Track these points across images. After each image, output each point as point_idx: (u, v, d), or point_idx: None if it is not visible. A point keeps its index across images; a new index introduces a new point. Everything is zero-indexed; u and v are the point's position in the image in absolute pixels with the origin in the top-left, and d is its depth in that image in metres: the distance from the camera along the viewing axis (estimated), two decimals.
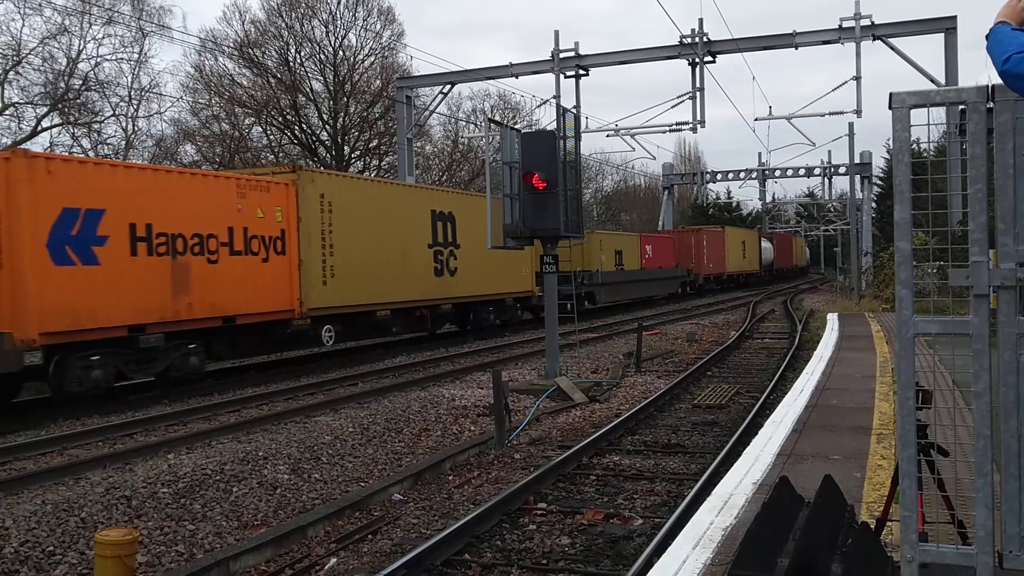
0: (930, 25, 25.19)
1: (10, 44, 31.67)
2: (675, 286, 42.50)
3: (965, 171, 3.32)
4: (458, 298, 22.29)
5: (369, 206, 18.70)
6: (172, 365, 14.02)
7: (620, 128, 29.43)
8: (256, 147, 41.45)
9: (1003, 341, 3.33)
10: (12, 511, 7.53)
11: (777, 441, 7.54)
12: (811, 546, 3.58)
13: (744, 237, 54.62)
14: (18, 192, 11.75)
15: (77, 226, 12.43)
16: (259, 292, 15.50)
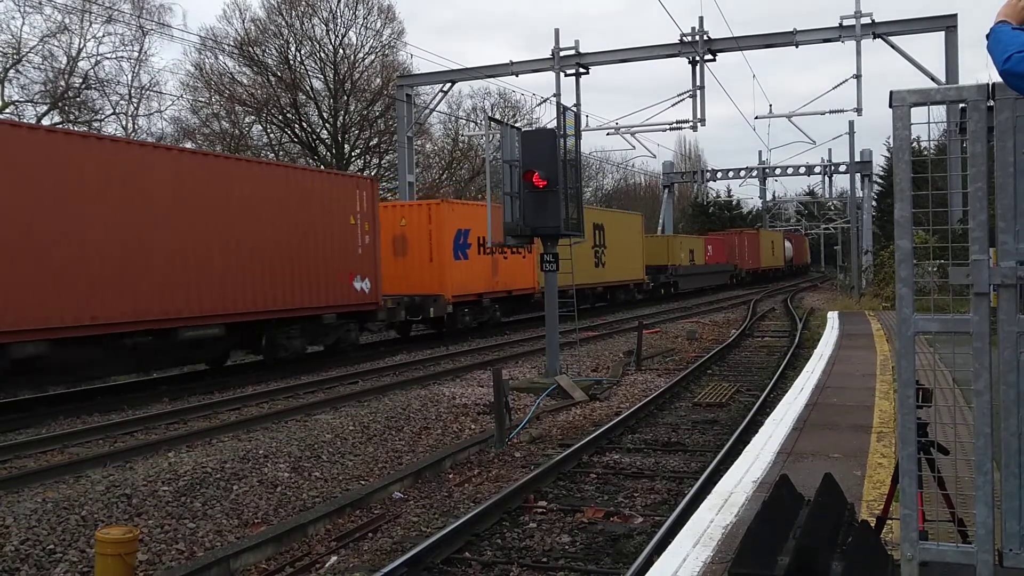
0: (931, 23, 25.18)
1: (10, 42, 31.68)
2: (726, 278, 52.85)
3: (965, 169, 3.32)
4: (606, 283, 32.46)
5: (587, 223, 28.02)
6: (491, 317, 24.82)
7: (620, 126, 29.42)
8: (256, 145, 41.44)
9: (1003, 339, 3.33)
10: (13, 509, 7.53)
11: (777, 439, 7.54)
12: (811, 544, 3.58)
13: (772, 238, 65.54)
14: (439, 222, 22.04)
15: (461, 240, 22.76)
16: (521, 276, 25.90)
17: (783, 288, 54.89)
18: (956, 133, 3.87)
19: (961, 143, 3.80)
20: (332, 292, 17.59)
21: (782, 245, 68.29)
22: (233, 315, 15.02)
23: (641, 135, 38.35)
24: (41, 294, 11.74)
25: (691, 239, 48.22)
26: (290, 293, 16.31)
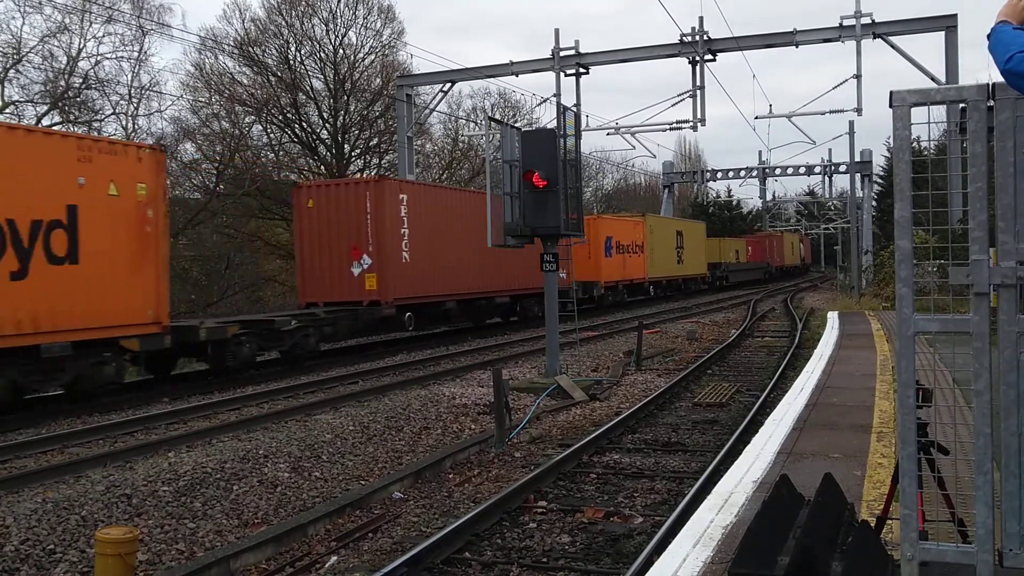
0: (931, 23, 25.18)
1: (10, 42, 31.67)
2: (761, 273, 61.80)
3: (965, 169, 3.32)
4: (684, 275, 43.33)
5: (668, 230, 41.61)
6: (621, 298, 34.95)
7: (620, 126, 29.42)
8: (256, 145, 41.43)
9: (1003, 339, 3.33)
10: (13, 509, 7.53)
11: (777, 439, 7.54)
12: (811, 544, 3.58)
13: (792, 240, 76.26)
14: (596, 230, 30.35)
15: (608, 244, 32.33)
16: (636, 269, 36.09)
17: (783, 288, 55.28)
18: (956, 133, 3.87)
19: (961, 143, 3.80)
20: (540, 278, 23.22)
21: (799, 246, 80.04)
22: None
23: (641, 135, 38.34)
24: (448, 279, 21.58)
25: (736, 241, 58.65)
26: (516, 278, 24.85)
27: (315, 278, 19.89)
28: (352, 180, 22.44)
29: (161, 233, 13.86)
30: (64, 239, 12.13)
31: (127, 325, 13.09)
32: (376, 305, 19.12)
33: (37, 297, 11.69)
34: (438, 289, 21.25)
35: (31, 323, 11.65)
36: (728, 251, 53.60)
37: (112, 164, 12.94)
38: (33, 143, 11.95)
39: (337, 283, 19.58)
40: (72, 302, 12.18)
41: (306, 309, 19.07)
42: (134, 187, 13.30)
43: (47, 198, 11.90)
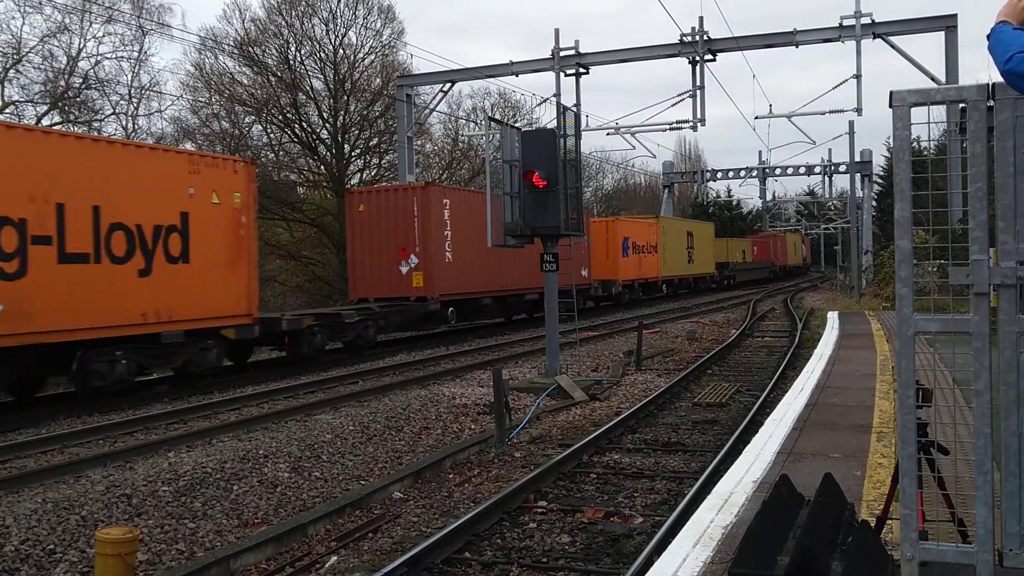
0: (931, 23, 25.18)
1: (10, 42, 31.67)
2: (766, 272, 63.67)
3: (965, 169, 3.32)
4: (694, 274, 45.59)
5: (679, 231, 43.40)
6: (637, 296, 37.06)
7: (620, 126, 29.42)
8: (256, 145, 41.43)
9: (1003, 339, 3.33)
10: (13, 509, 7.53)
11: (777, 439, 7.54)
12: (811, 544, 3.58)
13: (794, 240, 77.83)
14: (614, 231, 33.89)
15: (625, 244, 34.36)
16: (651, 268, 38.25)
17: (783, 288, 55.37)
18: (956, 133, 3.87)
19: (961, 143, 3.80)
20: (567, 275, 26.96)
21: (801, 246, 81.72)
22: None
23: (641, 135, 38.35)
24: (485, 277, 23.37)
25: (742, 241, 60.86)
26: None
27: (366, 276, 21.85)
28: (400, 187, 23.99)
29: (252, 236, 15.80)
30: (179, 242, 14.10)
31: (226, 316, 15.01)
32: (423, 301, 21.16)
33: (159, 291, 13.63)
34: (476, 286, 23.21)
35: (154, 314, 13.55)
36: (735, 251, 56.01)
37: (214, 176, 14.89)
38: (155, 159, 14.04)
39: (386, 281, 21.53)
40: (184, 296, 14.10)
41: (357, 304, 21.04)
42: (231, 196, 15.23)
43: (165, 206, 13.88)
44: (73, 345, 12.42)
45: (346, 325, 18.58)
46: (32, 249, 11.71)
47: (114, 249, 12.97)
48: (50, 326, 11.87)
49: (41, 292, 11.77)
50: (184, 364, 14.42)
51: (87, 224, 12.54)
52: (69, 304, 12.13)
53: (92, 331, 12.51)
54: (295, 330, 16.93)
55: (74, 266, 12.31)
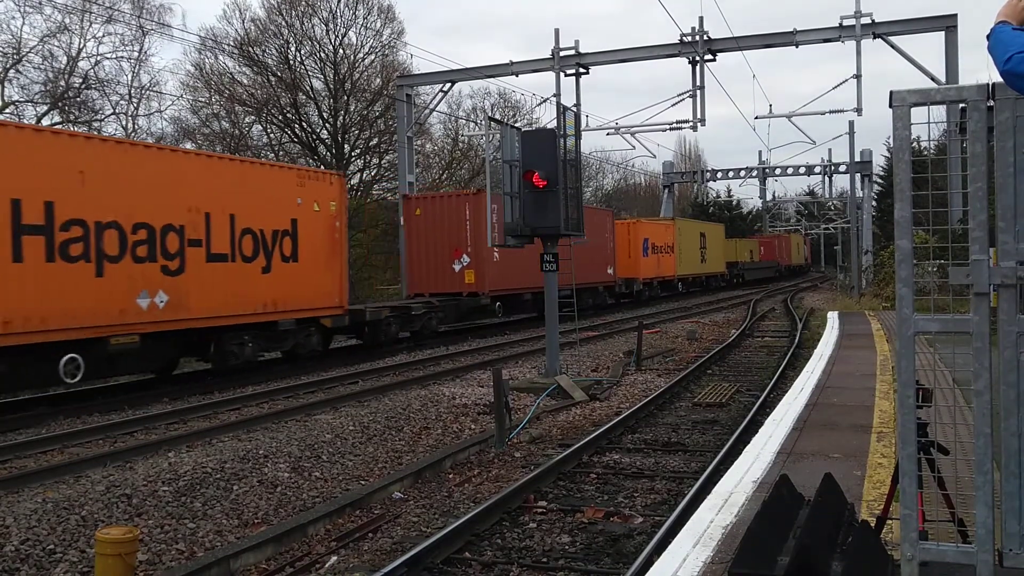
0: (931, 23, 25.16)
1: (10, 42, 31.67)
2: (772, 272, 66.23)
3: (965, 169, 3.33)
4: (706, 273, 47.96)
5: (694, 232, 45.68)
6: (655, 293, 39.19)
7: (620, 126, 29.41)
8: (256, 145, 41.43)
9: (1003, 339, 3.33)
10: (13, 509, 7.54)
11: (777, 439, 7.54)
12: (811, 544, 3.58)
13: (797, 240, 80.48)
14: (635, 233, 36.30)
15: (646, 244, 36.77)
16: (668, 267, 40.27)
17: (783, 288, 55.49)
18: (956, 133, 3.87)
19: (961, 143, 3.80)
20: (597, 273, 30.73)
21: (802, 246, 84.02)
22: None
23: (641, 135, 38.39)
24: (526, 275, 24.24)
25: (750, 241, 63.37)
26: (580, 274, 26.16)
27: (421, 273, 24.48)
28: (454, 193, 26.83)
29: (343, 238, 18.26)
30: (290, 244, 16.59)
31: (324, 308, 17.58)
32: (474, 296, 23.70)
33: (276, 286, 16.17)
34: (519, 283, 25.40)
35: (272, 305, 16.15)
36: (743, 251, 58.83)
37: (315, 187, 17.36)
38: (272, 174, 16.79)
39: (440, 277, 24.06)
40: (294, 290, 16.58)
41: (413, 299, 23.67)
42: (328, 204, 17.71)
43: (280, 214, 16.36)
44: (212, 330, 14.97)
45: (413, 316, 21.33)
46: (188, 251, 14.28)
47: (244, 250, 15.53)
48: (199, 313, 14.42)
49: (194, 286, 14.30)
50: (293, 347, 17.14)
51: (225, 230, 15.07)
52: (212, 296, 14.66)
53: (228, 318, 15.08)
54: (375, 320, 19.49)
55: (216, 264, 14.88)
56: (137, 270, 13.29)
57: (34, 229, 11.80)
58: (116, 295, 12.91)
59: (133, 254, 13.26)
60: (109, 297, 12.79)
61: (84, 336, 12.40)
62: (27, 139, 11.98)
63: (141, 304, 13.29)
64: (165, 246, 13.81)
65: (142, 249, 13.41)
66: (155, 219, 13.65)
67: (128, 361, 13.80)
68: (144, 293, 13.36)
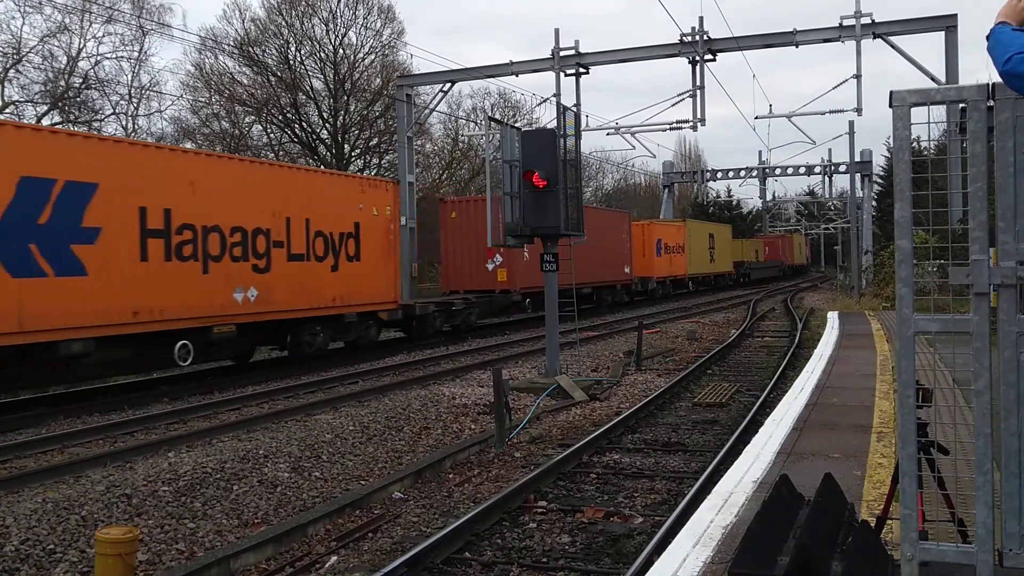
0: (931, 23, 25.17)
1: (10, 42, 31.68)
2: (776, 271, 68.39)
3: (965, 169, 3.33)
4: (715, 272, 50.01)
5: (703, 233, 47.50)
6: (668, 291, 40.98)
7: (620, 126, 29.42)
8: (256, 145, 41.44)
9: (1003, 339, 3.33)
10: (13, 509, 7.54)
11: (777, 439, 7.54)
12: (811, 544, 3.58)
13: (799, 240, 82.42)
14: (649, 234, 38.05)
15: (659, 245, 38.95)
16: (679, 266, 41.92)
17: (783, 288, 55.58)
18: (956, 133, 3.87)
19: (961, 143, 3.80)
20: (615, 272, 33.49)
21: (804, 246, 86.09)
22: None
23: (641, 135, 38.40)
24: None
25: (755, 242, 65.55)
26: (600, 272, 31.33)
27: (457, 272, 26.26)
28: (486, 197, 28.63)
29: (396, 240, 20.16)
30: (354, 245, 18.37)
31: (381, 303, 19.40)
32: (506, 293, 25.46)
33: (342, 283, 17.96)
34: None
35: (340, 299, 17.94)
36: (749, 251, 61.12)
37: (374, 194, 19.30)
38: (339, 182, 18.76)
39: (474, 276, 25.77)
40: (357, 286, 18.40)
41: (449, 295, 25.29)
42: (384, 209, 19.57)
43: (345, 218, 18.14)
44: (290, 322, 16.77)
45: (454, 311, 23.29)
46: (273, 251, 16.08)
47: (317, 250, 17.29)
48: (282, 306, 16.26)
49: (277, 282, 16.13)
50: (355, 338, 19.07)
51: (302, 232, 16.87)
52: (291, 291, 16.46)
53: (304, 311, 16.87)
54: (423, 314, 21.53)
55: (295, 263, 16.68)
56: (234, 268, 15.13)
57: (156, 233, 13.64)
58: (217, 290, 14.76)
59: (231, 254, 15.08)
60: (212, 291, 14.64)
61: (193, 325, 14.25)
62: (150, 155, 13.93)
63: (237, 298, 15.18)
64: (255, 247, 15.66)
65: (237, 250, 15.23)
66: (247, 223, 15.46)
67: (224, 348, 15.55)
68: (239, 288, 15.26)
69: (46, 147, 12.03)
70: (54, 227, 12.00)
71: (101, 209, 12.61)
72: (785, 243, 73.51)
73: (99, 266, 12.55)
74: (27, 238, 11.63)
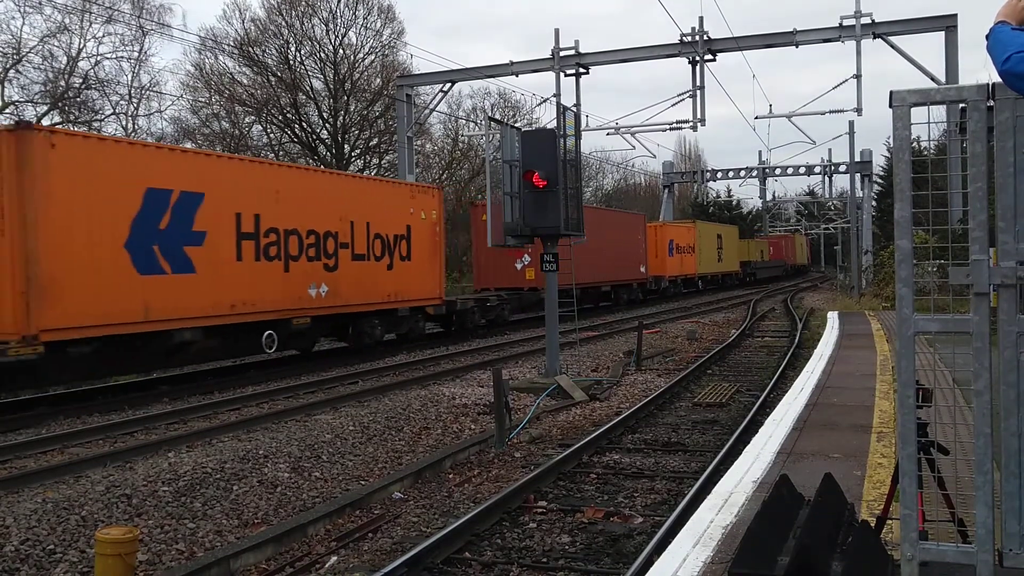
0: (930, 23, 25.18)
1: (10, 42, 31.68)
2: (780, 271, 70.62)
3: (965, 169, 3.33)
4: (723, 271, 51.56)
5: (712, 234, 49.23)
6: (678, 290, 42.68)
7: (620, 126, 29.44)
8: (256, 145, 41.43)
9: (1003, 339, 3.33)
10: (13, 509, 7.53)
11: (777, 439, 7.54)
12: (811, 544, 3.58)
13: (801, 240, 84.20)
14: (662, 236, 40.15)
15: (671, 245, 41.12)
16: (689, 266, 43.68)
17: (783, 288, 55.67)
18: (956, 133, 3.87)
19: (961, 143, 3.80)
20: (632, 271, 35.29)
21: (805, 246, 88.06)
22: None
23: (641, 135, 38.43)
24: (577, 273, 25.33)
25: (760, 242, 67.02)
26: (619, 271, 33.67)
27: (488, 271, 27.88)
28: None
29: (441, 241, 21.86)
30: (405, 246, 20.19)
31: (428, 299, 21.14)
32: (534, 291, 26.48)
33: (396, 280, 19.77)
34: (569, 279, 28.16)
35: (394, 295, 19.72)
36: (755, 251, 63.02)
37: (422, 199, 21.01)
38: (394, 189, 20.78)
39: (504, 274, 27.40)
40: (408, 283, 20.20)
41: (480, 293, 26.94)
42: (431, 213, 21.24)
43: (399, 221, 19.97)
44: (352, 315, 18.58)
45: (489, 307, 25.12)
46: (340, 252, 17.88)
47: (376, 251, 19.14)
48: (347, 301, 18.09)
49: (343, 279, 17.89)
50: (407, 331, 20.82)
51: (363, 234, 18.68)
52: (354, 287, 18.26)
53: (365, 306, 18.81)
54: (463, 309, 23.36)
55: (358, 262, 18.47)
56: (309, 267, 16.93)
57: (248, 236, 15.38)
58: (296, 286, 16.56)
59: (307, 254, 16.88)
60: (292, 287, 16.44)
61: (277, 317, 16.01)
62: (244, 167, 15.92)
63: (311, 293, 16.97)
64: (326, 248, 17.45)
65: (312, 251, 17.04)
66: (320, 227, 17.27)
67: (299, 338, 17.39)
68: (313, 285, 17.04)
69: (164, 161, 13.84)
70: (171, 231, 13.77)
71: (206, 215, 14.40)
72: (788, 243, 75.74)
73: (205, 265, 14.34)
74: (151, 241, 13.41)
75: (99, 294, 12.44)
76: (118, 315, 12.72)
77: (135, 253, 13.04)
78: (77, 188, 12.23)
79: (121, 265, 12.85)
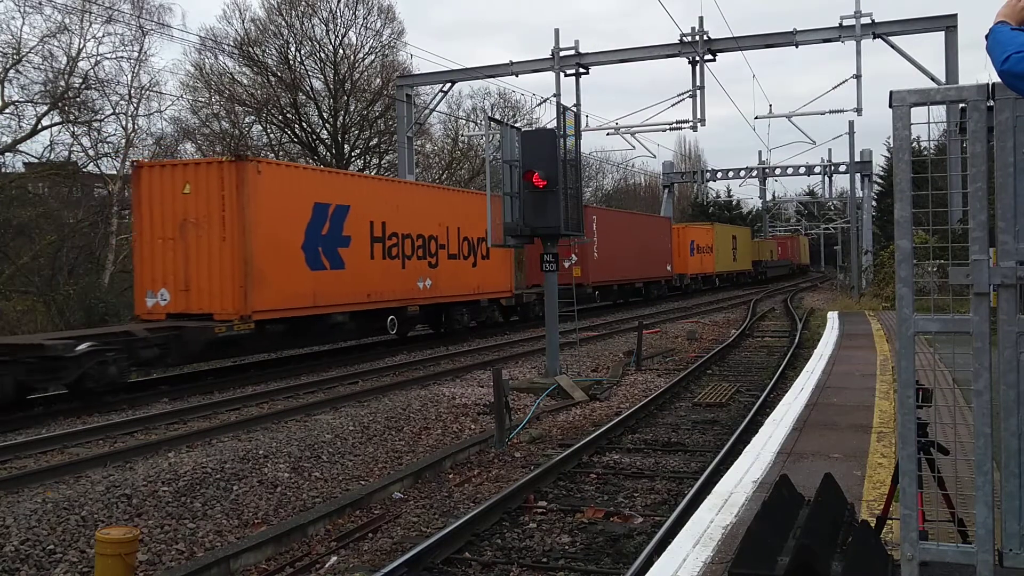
0: (930, 23, 25.18)
1: (10, 42, 31.64)
2: (787, 270, 74.84)
3: (965, 169, 3.33)
4: (738, 270, 55.38)
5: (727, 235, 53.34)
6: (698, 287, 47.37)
7: (620, 126, 29.44)
8: (256, 145, 41.41)
9: (1003, 339, 3.33)
10: (13, 509, 7.53)
11: (777, 439, 7.54)
12: (811, 544, 3.58)
13: (804, 241, 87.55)
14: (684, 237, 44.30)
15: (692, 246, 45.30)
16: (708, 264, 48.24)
17: (783, 288, 55.77)
18: (956, 133, 3.87)
19: (961, 143, 3.80)
20: (659, 269, 38.83)
21: (808, 247, 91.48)
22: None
23: (641, 135, 38.45)
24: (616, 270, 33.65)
25: (769, 242, 71.18)
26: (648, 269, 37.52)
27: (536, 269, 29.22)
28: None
29: None
30: (485, 246, 22.59)
31: (502, 291, 24.64)
32: (580, 286, 28.04)
33: (478, 276, 23.23)
34: (611, 276, 32.75)
35: (477, 289, 23.23)
36: (765, 251, 67.09)
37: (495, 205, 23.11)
38: (476, 198, 22.68)
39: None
40: (487, 278, 23.66)
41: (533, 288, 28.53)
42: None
43: (480, 225, 21.20)
44: (446, 305, 22.00)
45: (527, 305, 26.97)
46: (439, 252, 21.35)
47: (464, 251, 22.48)
48: (444, 293, 21.49)
49: (442, 275, 21.33)
50: (485, 319, 24.21)
51: (456, 237, 22.21)
52: (448, 281, 21.60)
53: (456, 297, 22.20)
54: (528, 302, 26.35)
55: (452, 260, 21.96)
56: (418, 264, 20.42)
57: (378, 239, 18.95)
58: (409, 280, 20.06)
59: (416, 254, 20.37)
60: (407, 281, 19.94)
61: (397, 305, 19.56)
62: (376, 184, 20.69)
63: (419, 286, 20.47)
64: (429, 249, 20.90)
65: (420, 251, 20.54)
66: (425, 231, 20.76)
67: (409, 323, 20.89)
68: (421, 279, 20.52)
69: (324, 180, 17.69)
70: (330, 236, 17.33)
71: (351, 223, 17.99)
72: (794, 244, 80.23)
73: (351, 262, 17.89)
74: (317, 243, 16.96)
75: (286, 285, 16.01)
76: (297, 301, 16.33)
77: (307, 253, 16.67)
78: (274, 204, 15.74)
79: (298, 262, 16.45)
